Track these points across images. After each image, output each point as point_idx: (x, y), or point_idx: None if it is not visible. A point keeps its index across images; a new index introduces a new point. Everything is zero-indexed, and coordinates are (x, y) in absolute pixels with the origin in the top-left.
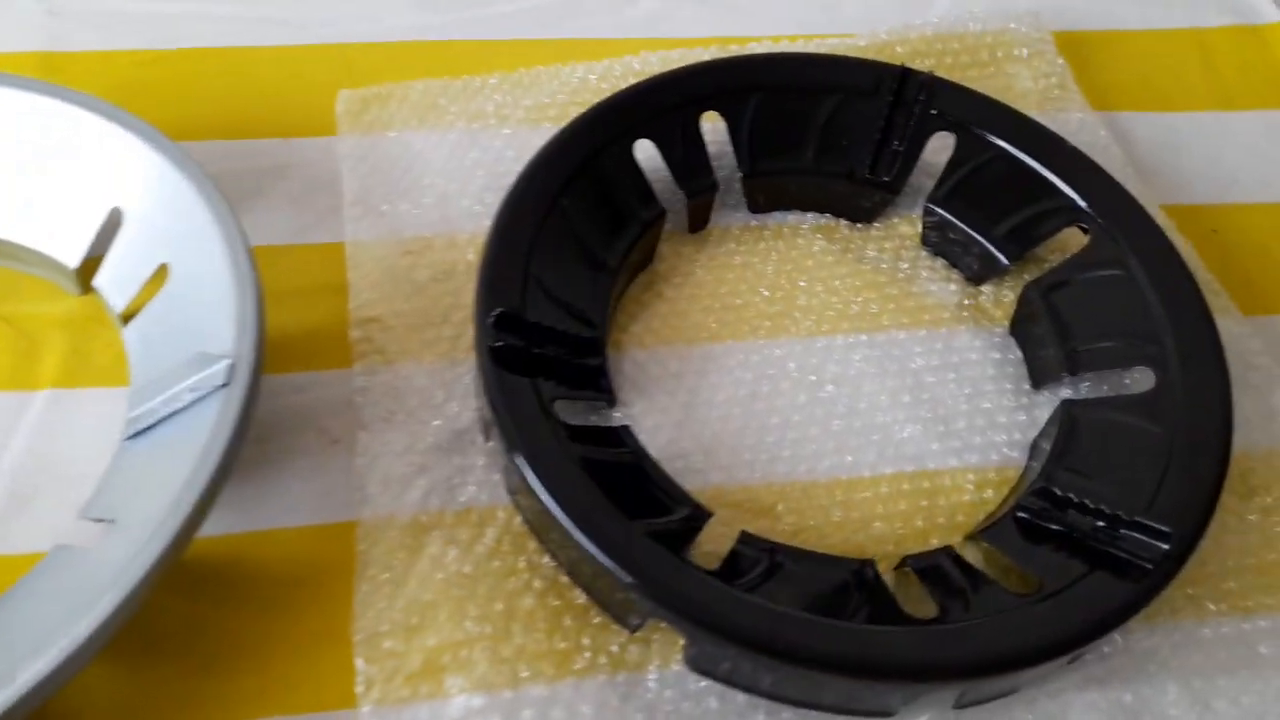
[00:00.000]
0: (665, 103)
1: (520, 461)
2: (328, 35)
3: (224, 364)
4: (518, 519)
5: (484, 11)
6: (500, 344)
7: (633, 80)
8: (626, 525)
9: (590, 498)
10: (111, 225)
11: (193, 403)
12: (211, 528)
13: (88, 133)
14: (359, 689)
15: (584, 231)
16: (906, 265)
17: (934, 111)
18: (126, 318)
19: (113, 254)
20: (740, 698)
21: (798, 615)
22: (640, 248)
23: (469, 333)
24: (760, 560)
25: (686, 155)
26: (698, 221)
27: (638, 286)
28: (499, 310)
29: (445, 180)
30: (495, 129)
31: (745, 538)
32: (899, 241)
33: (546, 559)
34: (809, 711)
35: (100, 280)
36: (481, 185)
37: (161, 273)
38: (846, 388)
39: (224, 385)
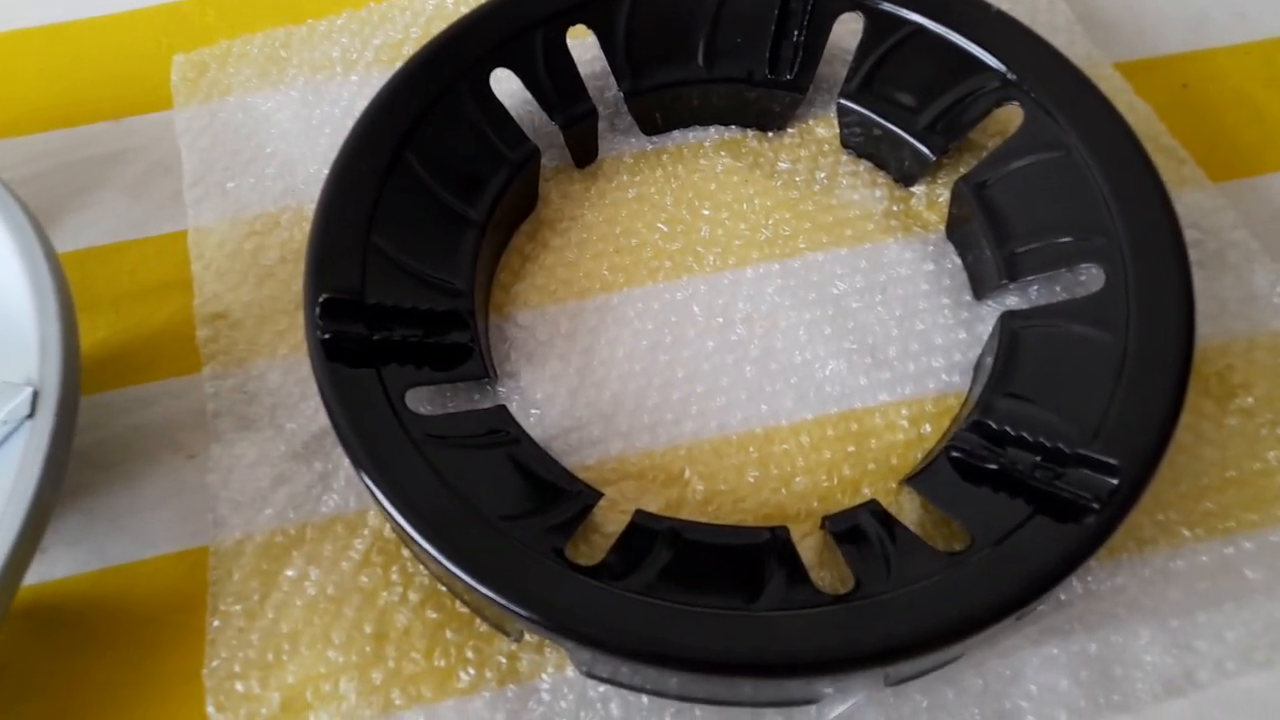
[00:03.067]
0: (520, 22)
1: (362, 473)
2: None
3: (27, 392)
4: (389, 532)
5: None
6: (330, 335)
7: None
8: (494, 531)
9: (448, 505)
10: None
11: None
12: (59, 568)
13: None
14: None
15: (438, 186)
16: (824, 174)
17: None
18: None
19: None
20: (644, 699)
21: (692, 612)
22: (514, 194)
23: None
24: (657, 542)
25: (554, 80)
26: (582, 154)
27: (520, 238)
28: (326, 295)
29: (289, 145)
30: (342, 78)
31: (640, 517)
32: (815, 148)
33: (423, 570)
34: (723, 708)
35: None
36: (328, 145)
37: None
38: (759, 326)
39: (29, 416)
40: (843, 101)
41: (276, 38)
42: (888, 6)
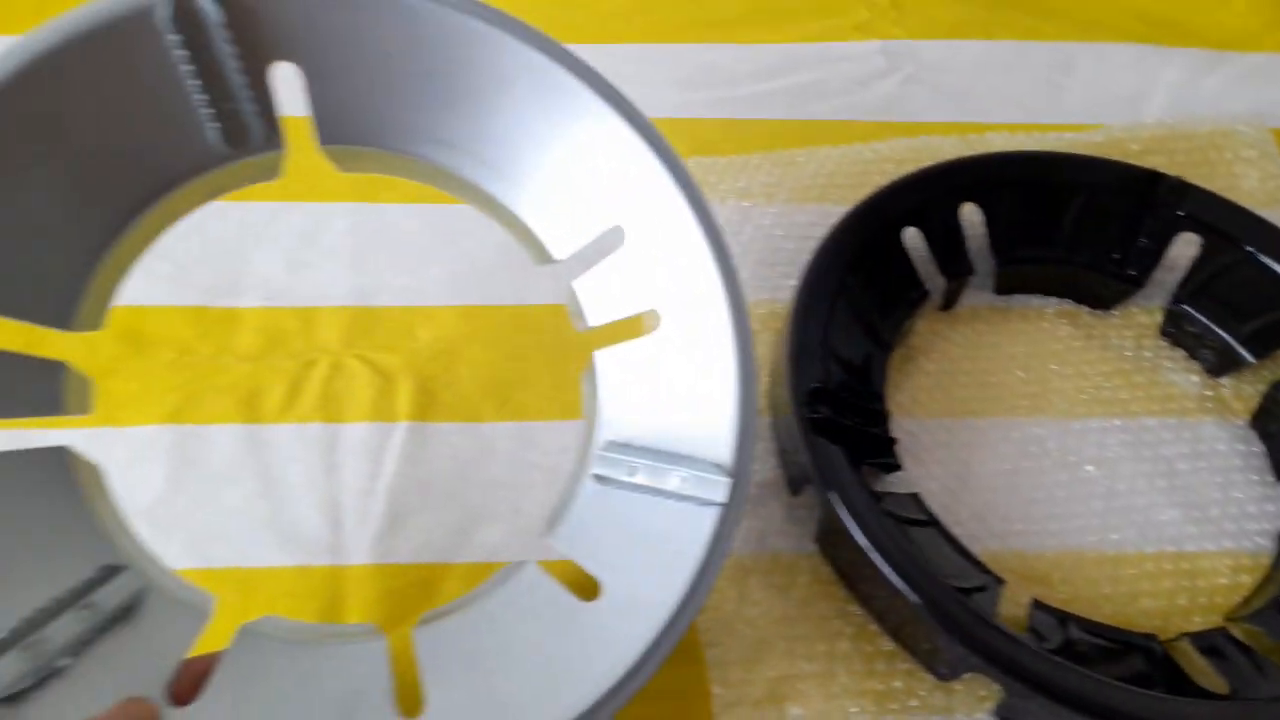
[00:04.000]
0: (930, 195)
1: (849, 522)
2: None
3: (726, 482)
4: (825, 567)
5: (734, 93)
6: (816, 415)
7: (881, 165)
8: (939, 582)
9: (907, 556)
10: (608, 242)
11: (677, 498)
12: None
13: (615, 138)
14: (715, 709)
15: (866, 309)
16: (1149, 354)
17: (1181, 213)
18: (598, 340)
19: (601, 268)
20: None
21: (1105, 681)
22: (906, 325)
23: (763, 394)
24: (1054, 627)
25: (947, 242)
26: (949, 301)
27: (896, 359)
28: (813, 385)
29: None
30: (763, 207)
31: (1038, 604)
32: (1138, 330)
33: (854, 606)
34: None
35: (580, 285)
36: (756, 260)
37: (651, 318)
38: (1105, 469)
39: (720, 505)
40: (1183, 307)
41: (705, 164)
42: (1226, 234)
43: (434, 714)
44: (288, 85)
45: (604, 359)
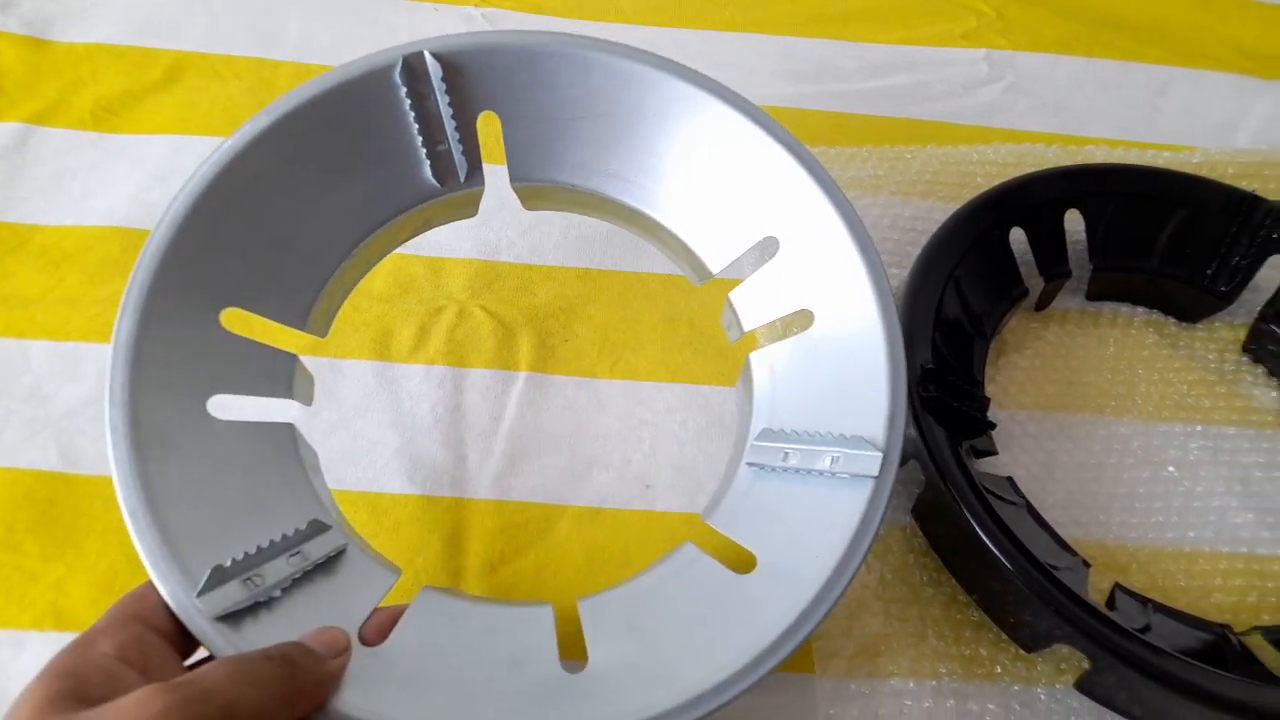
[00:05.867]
0: (1039, 197)
1: (954, 496)
2: None
3: (876, 456)
4: (919, 539)
5: (843, 87)
6: (926, 394)
7: (985, 167)
8: (1034, 557)
9: (1006, 531)
10: (763, 251)
11: (829, 475)
12: None
13: (765, 154)
14: (817, 659)
15: (971, 301)
16: (1231, 367)
17: (1276, 236)
18: (752, 341)
19: (757, 277)
20: (1114, 719)
21: (1185, 662)
22: (1004, 320)
23: None
24: (1136, 609)
25: (1049, 244)
26: (1044, 302)
27: (991, 352)
28: (925, 365)
29: None
30: (870, 197)
31: (1121, 589)
32: (1221, 344)
33: (946, 577)
34: None
35: (736, 295)
36: None
37: (803, 317)
38: (1185, 471)
39: (872, 477)
40: (1268, 326)
41: (815, 153)
42: None
43: (595, 666)
44: (488, 131)
45: (758, 356)
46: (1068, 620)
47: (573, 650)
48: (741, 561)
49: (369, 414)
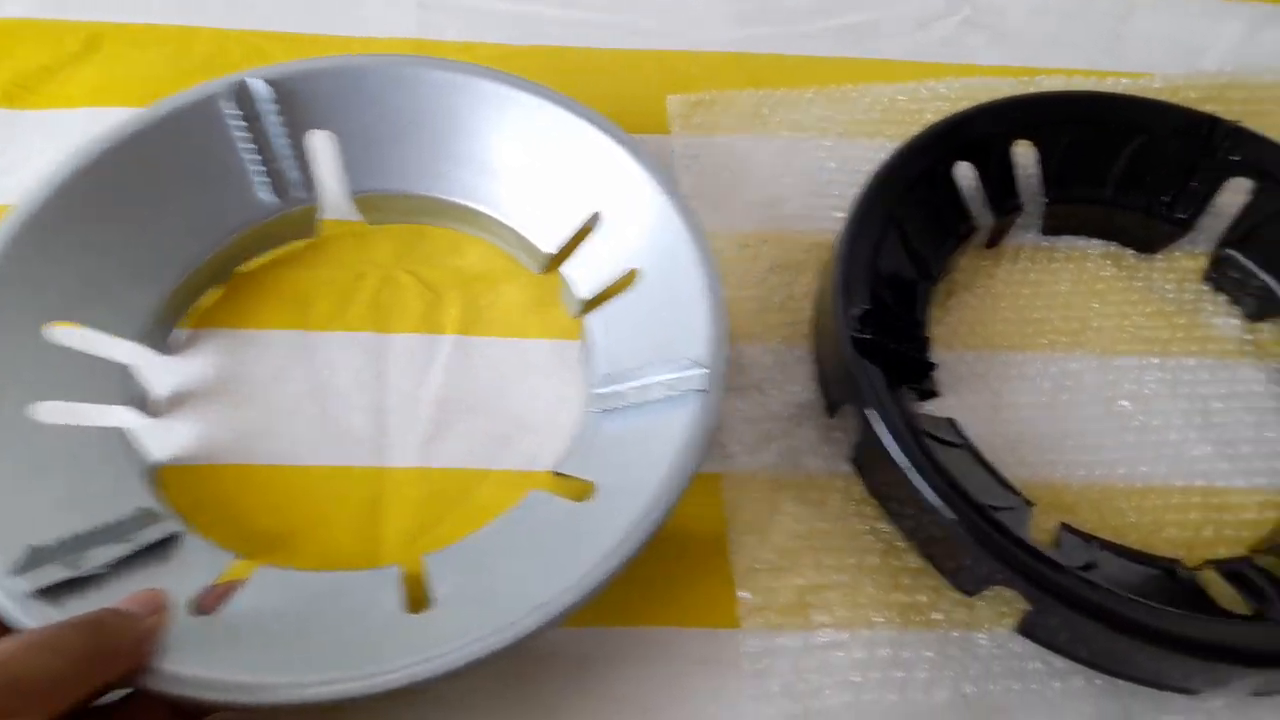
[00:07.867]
0: (986, 130)
1: (885, 438)
2: (657, 43)
3: (702, 372)
4: (857, 487)
5: (793, 29)
6: (861, 336)
7: (936, 103)
8: (971, 499)
9: (941, 473)
10: (588, 227)
11: (664, 399)
12: None
13: (579, 138)
14: (741, 613)
15: (915, 241)
16: (1191, 297)
17: (1236, 158)
18: (589, 305)
19: (584, 250)
20: (1059, 662)
21: (1127, 599)
22: (951, 259)
23: (805, 320)
24: (1080, 547)
25: (999, 179)
26: (995, 238)
27: (939, 293)
28: (861, 308)
29: (774, 184)
30: (816, 140)
31: (1066, 527)
32: (1181, 274)
33: (884, 524)
34: (1118, 680)
35: (568, 269)
36: (807, 191)
37: (630, 276)
38: (1140, 405)
39: (702, 391)
40: (1228, 252)
41: (758, 97)
42: (1277, 178)
43: (439, 609)
44: (325, 148)
45: (593, 316)
46: (1001, 559)
47: (418, 597)
48: (584, 494)
49: (285, 384)
